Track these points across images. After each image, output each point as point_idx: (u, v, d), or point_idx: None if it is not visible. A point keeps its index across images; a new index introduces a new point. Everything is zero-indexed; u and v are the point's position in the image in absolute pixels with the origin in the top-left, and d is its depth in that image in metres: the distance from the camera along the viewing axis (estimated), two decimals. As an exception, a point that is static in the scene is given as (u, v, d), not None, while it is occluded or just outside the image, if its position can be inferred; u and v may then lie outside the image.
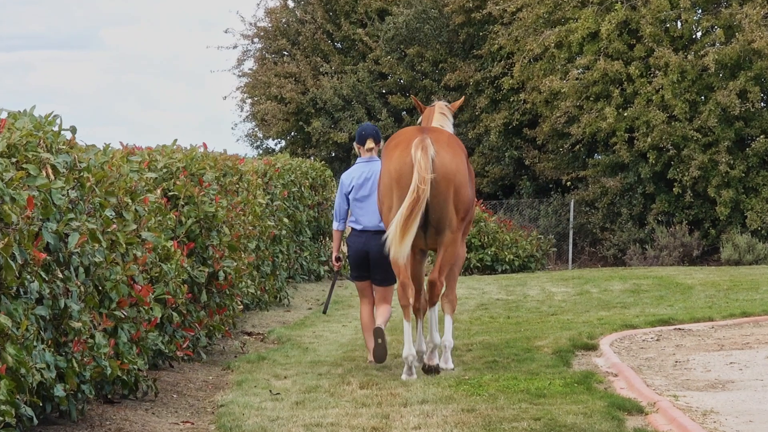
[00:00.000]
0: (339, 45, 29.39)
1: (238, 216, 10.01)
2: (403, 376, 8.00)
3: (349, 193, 8.98)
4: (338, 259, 9.35)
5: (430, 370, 8.16)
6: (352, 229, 9.03)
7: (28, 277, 5.34)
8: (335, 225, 9.10)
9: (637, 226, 23.05)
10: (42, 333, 5.57)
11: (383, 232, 8.29)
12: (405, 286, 8.06)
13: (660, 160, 21.93)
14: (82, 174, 6.12)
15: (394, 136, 8.56)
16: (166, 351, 7.82)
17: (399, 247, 7.81)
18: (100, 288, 6.32)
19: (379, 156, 8.88)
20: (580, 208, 24.10)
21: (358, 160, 9.18)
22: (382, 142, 9.16)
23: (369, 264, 8.77)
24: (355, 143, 9.29)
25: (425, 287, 8.29)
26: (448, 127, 8.94)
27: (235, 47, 30.01)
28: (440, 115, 8.94)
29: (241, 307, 10.17)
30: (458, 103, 9.28)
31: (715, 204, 21.77)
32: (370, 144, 9.09)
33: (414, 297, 8.13)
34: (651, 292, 14.48)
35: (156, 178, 8.43)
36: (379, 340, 8.35)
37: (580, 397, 7.06)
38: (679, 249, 21.74)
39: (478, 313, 12.62)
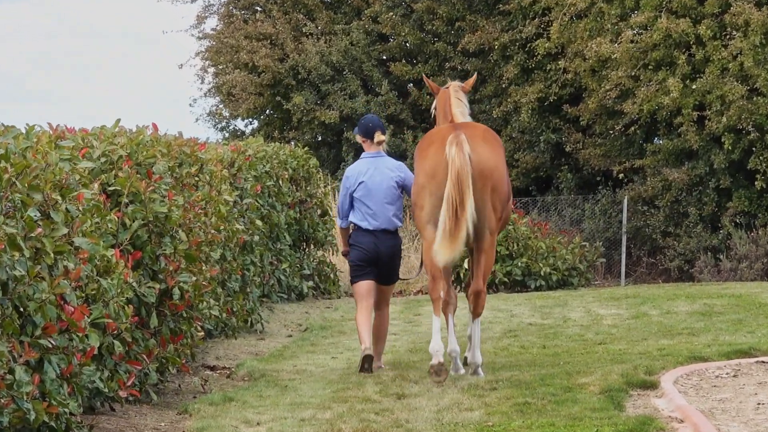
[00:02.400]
0: (327, -2, 29.42)
1: (198, 217, 10.03)
2: (433, 376, 9.59)
3: (354, 190, 10.54)
4: (346, 254, 10.89)
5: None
6: (358, 227, 10.61)
7: (-70, 295, 5.36)
8: (339, 222, 10.83)
9: (709, 231, 23.06)
10: (-53, 367, 5.58)
11: (392, 232, 10.54)
12: (437, 279, 9.79)
13: (738, 145, 21.94)
14: (-2, 163, 6.13)
15: (428, 134, 10.26)
16: (106, 390, 7.83)
17: (447, 255, 9.45)
18: (22, 309, 6.33)
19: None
20: (635, 208, 24.11)
21: (364, 155, 10.68)
22: (387, 134, 10.85)
23: (379, 265, 10.53)
24: (358, 137, 10.74)
25: (470, 299, 9.97)
26: (467, 115, 10.54)
27: (194, 1, 30.11)
28: (457, 101, 10.46)
29: (202, 333, 10.19)
30: (471, 81, 10.82)
31: (809, 202, 21.83)
32: (379, 137, 10.61)
33: (444, 291, 9.84)
34: (726, 314, 14.50)
35: (93, 168, 8.45)
36: (366, 365, 10.22)
37: (635, 449, 7.07)
38: (762, 260, 21.76)
39: (506, 342, 12.64)
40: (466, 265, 19.75)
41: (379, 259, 10.53)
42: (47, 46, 61.38)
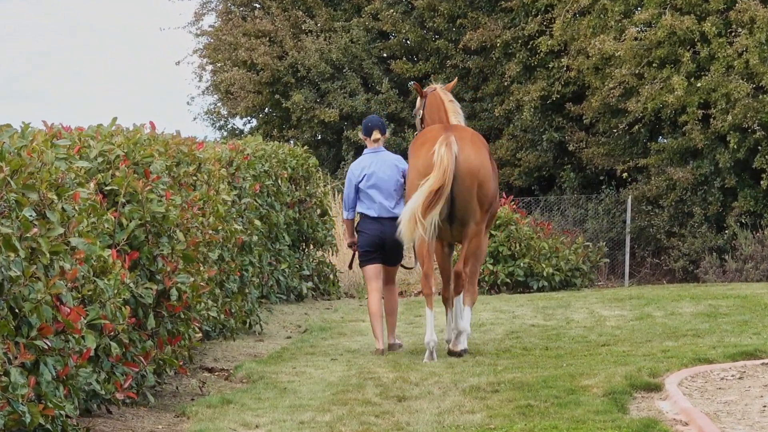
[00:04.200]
0: (327, -5, 29.42)
1: (196, 217, 10.03)
2: (425, 360, 10.96)
3: (360, 182, 11.87)
4: (352, 244, 12.26)
5: (456, 355, 11.18)
6: (364, 215, 11.94)
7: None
8: (345, 214, 12.13)
9: (714, 231, 23.06)
10: (-59, 369, 5.58)
11: (396, 218, 11.35)
12: (428, 277, 11.09)
13: (744, 144, 21.94)
14: (-7, 163, 6.13)
15: (420, 134, 11.61)
16: (103, 392, 7.83)
17: (408, 236, 10.78)
18: (17, 310, 6.33)
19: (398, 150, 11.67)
20: (639, 207, 24.11)
21: (366, 150, 12.11)
22: (387, 133, 12.36)
23: (384, 249, 11.83)
24: (361, 134, 12.21)
25: (451, 277, 11.22)
26: (462, 118, 11.90)
27: (191, -2, 30.09)
28: (451, 104, 11.81)
29: (200, 335, 10.19)
30: (451, 84, 12.27)
31: (816, 202, 21.83)
32: (376, 135, 12.00)
33: (444, 287, 11.53)
34: (732, 315, 14.50)
35: (89, 168, 8.45)
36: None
37: (639, 452, 7.07)
38: (768, 260, 21.78)
39: (508, 344, 12.64)
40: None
41: (384, 244, 11.84)
42: (43, 44, 61.37)
